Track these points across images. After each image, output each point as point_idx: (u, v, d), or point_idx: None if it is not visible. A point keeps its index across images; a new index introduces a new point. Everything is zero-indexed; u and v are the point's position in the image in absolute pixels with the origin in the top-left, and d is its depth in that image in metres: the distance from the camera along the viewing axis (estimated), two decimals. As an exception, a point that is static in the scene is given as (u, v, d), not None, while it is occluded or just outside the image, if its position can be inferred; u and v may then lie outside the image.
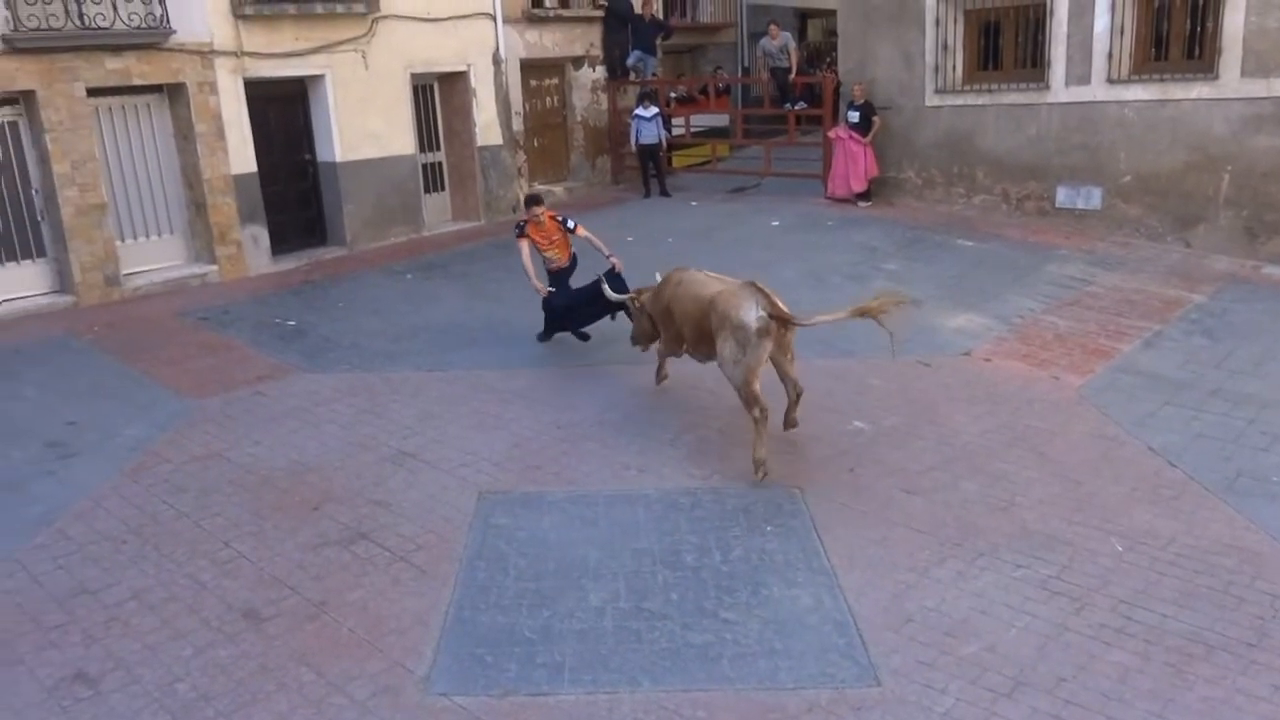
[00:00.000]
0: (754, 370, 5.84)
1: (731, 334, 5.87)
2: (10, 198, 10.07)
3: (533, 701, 4.01)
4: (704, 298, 6.24)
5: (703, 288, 6.36)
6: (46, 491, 5.98)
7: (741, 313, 5.84)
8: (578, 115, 15.93)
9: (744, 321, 5.81)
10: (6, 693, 4.13)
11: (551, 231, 8.20)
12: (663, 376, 7.36)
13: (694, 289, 6.42)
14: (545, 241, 8.18)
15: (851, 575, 4.80)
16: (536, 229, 8.12)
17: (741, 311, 5.85)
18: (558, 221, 8.23)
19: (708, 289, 6.30)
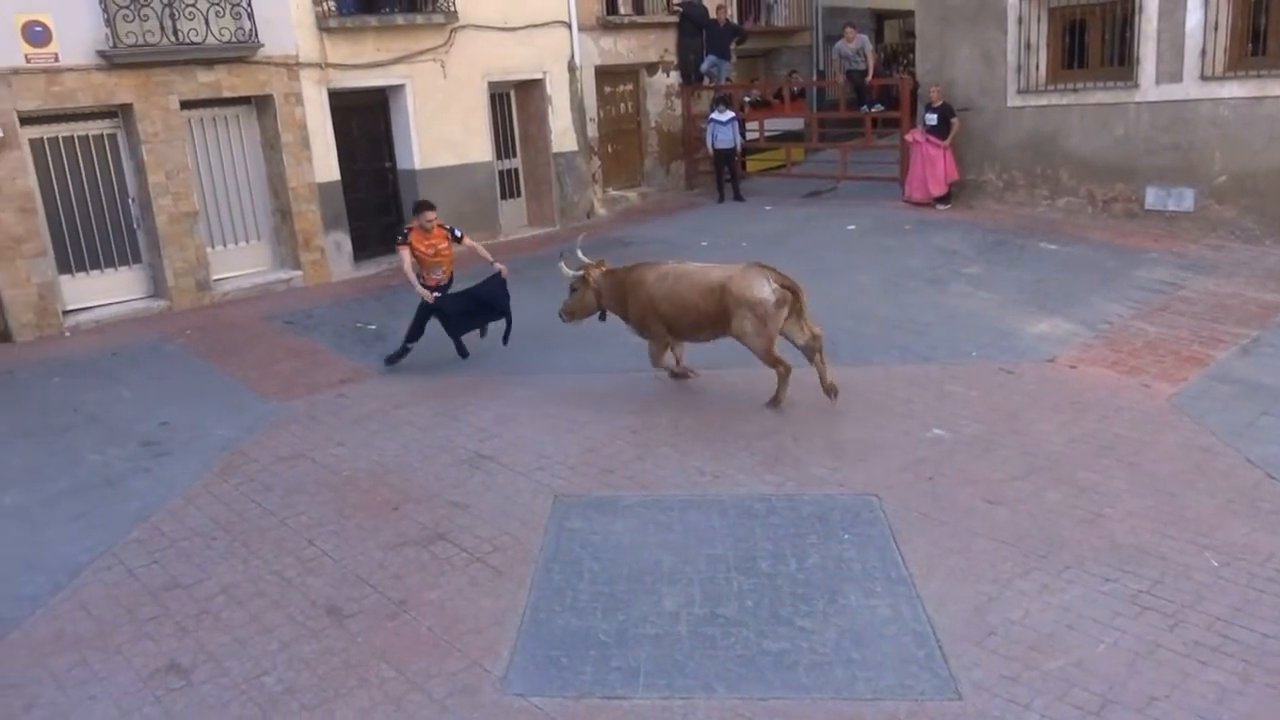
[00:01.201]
0: (774, 338, 6.68)
1: (750, 310, 6.59)
2: (109, 206, 10.51)
3: (608, 705, 4.02)
4: (712, 285, 6.79)
5: (704, 276, 6.91)
6: (142, 488, 6.21)
7: (757, 290, 6.59)
8: (652, 121, 15.99)
9: (762, 297, 6.56)
10: (106, 681, 4.30)
11: (438, 240, 7.94)
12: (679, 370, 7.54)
13: (693, 279, 6.93)
14: (429, 252, 7.91)
15: (931, 585, 4.71)
16: (422, 238, 7.88)
17: (757, 289, 6.59)
18: (445, 230, 8.02)
19: (710, 276, 6.86)
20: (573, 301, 7.51)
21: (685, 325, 7.06)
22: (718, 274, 6.86)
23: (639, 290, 7.17)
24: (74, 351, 9.30)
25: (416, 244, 7.84)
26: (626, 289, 7.27)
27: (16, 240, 9.61)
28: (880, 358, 7.85)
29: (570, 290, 7.54)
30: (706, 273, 6.96)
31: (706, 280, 6.86)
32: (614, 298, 7.38)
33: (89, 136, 10.33)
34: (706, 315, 6.86)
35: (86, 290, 10.43)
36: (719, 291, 6.73)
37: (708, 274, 6.93)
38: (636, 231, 13.54)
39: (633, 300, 7.24)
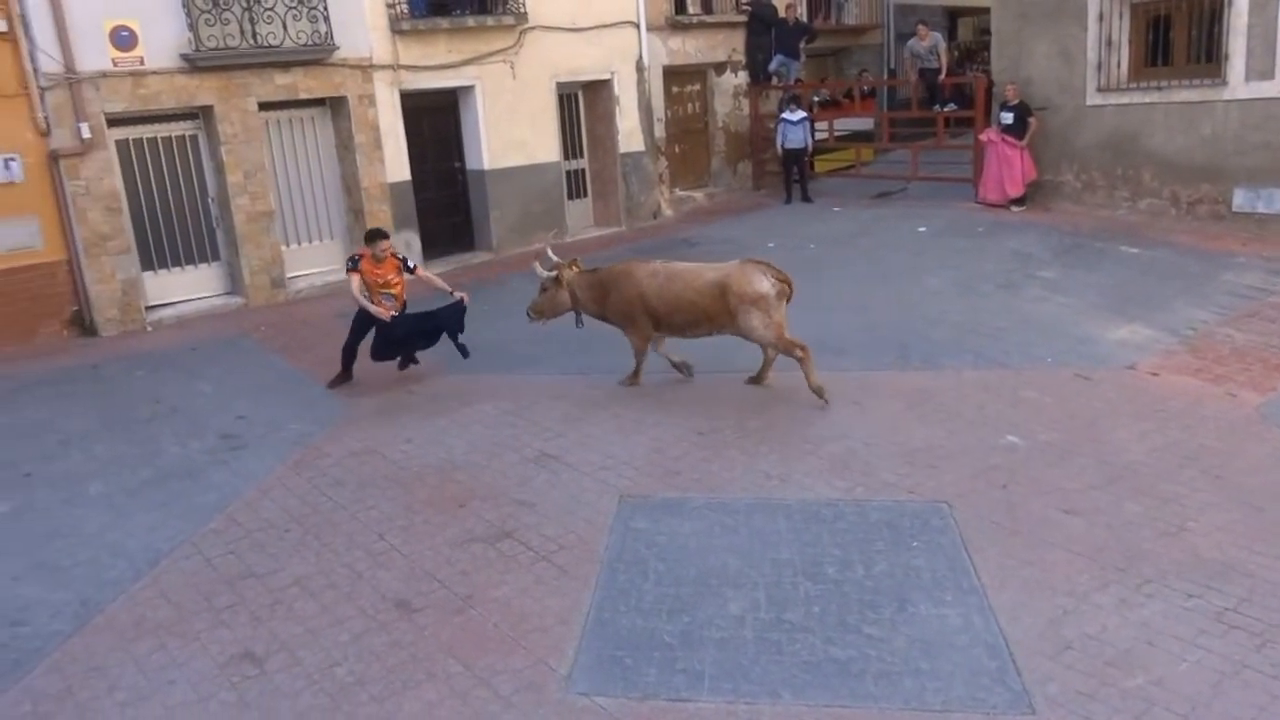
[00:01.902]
0: (782, 325, 6.93)
1: (754, 304, 6.85)
2: (189, 206, 10.84)
3: (672, 707, 4.00)
4: (710, 283, 6.99)
5: (698, 276, 7.10)
6: (220, 480, 6.38)
7: (758, 285, 6.87)
8: (719, 121, 15.93)
9: (763, 291, 6.86)
10: (184, 667, 4.42)
11: (388, 271, 7.69)
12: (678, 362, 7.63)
13: (686, 279, 7.11)
14: (379, 281, 7.66)
15: (1004, 596, 4.59)
16: (372, 266, 7.63)
17: (757, 284, 6.87)
18: (398, 261, 7.79)
19: (706, 276, 7.07)
20: (542, 301, 7.56)
21: (679, 322, 7.20)
22: (713, 273, 7.07)
23: (625, 284, 7.28)
24: (155, 346, 9.60)
25: (367, 271, 7.61)
26: (608, 285, 7.38)
27: (103, 238, 9.97)
28: (952, 362, 7.71)
29: (540, 290, 7.59)
30: (700, 272, 7.15)
31: (702, 279, 7.06)
32: (592, 296, 7.47)
33: (171, 138, 10.67)
34: (705, 313, 7.05)
35: (168, 287, 10.77)
36: (719, 290, 6.93)
37: (701, 273, 7.13)
38: (703, 232, 13.51)
39: (616, 294, 7.32)
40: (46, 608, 4.97)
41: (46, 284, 9.82)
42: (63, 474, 6.61)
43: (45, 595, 5.09)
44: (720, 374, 7.70)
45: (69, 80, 9.57)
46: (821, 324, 8.92)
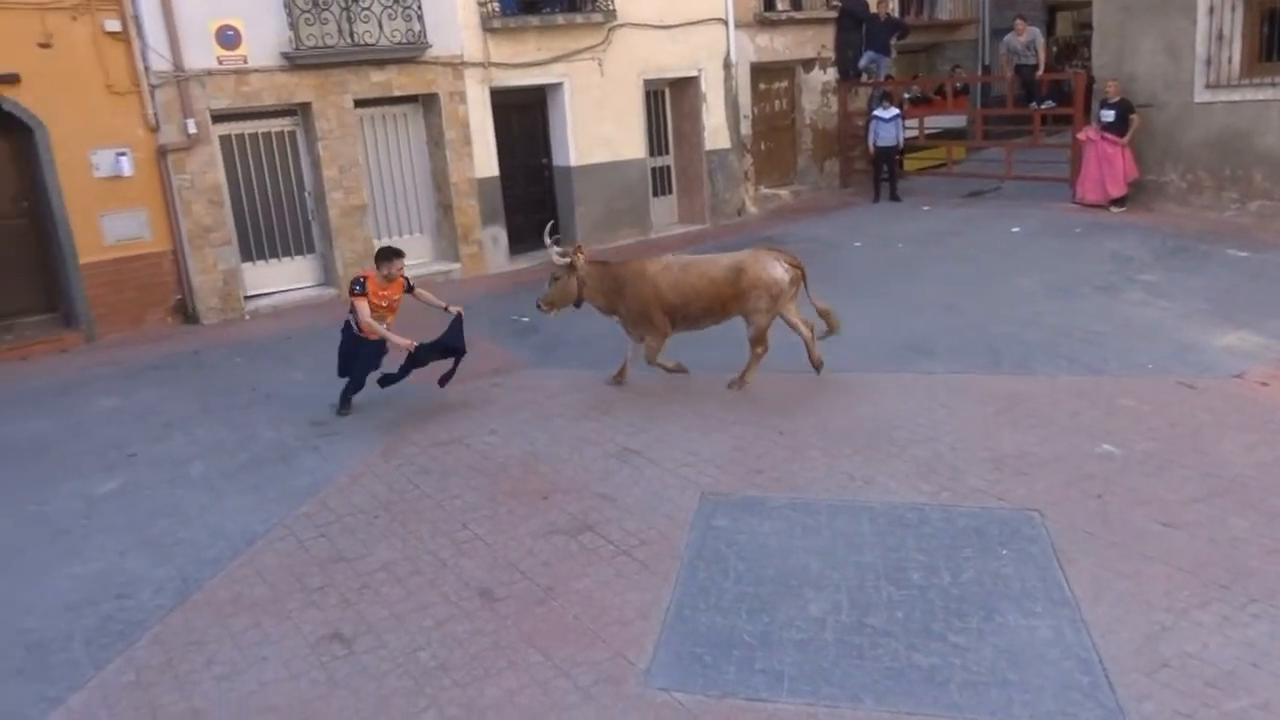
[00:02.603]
0: (774, 318, 7.23)
1: (766, 291, 7.10)
2: (286, 199, 11.19)
3: (750, 707, 3.98)
4: (727, 269, 7.17)
5: (713, 263, 7.30)
6: (312, 465, 6.58)
7: (773, 271, 7.12)
8: (806, 118, 15.78)
9: (778, 277, 7.11)
10: (277, 644, 4.57)
11: (394, 291, 7.20)
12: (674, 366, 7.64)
13: (701, 268, 7.28)
14: (384, 303, 7.16)
15: (1098, 610, 4.44)
16: (379, 288, 7.10)
17: (773, 270, 7.12)
18: (405, 280, 7.30)
19: (721, 262, 7.27)
20: (554, 291, 7.44)
21: (693, 312, 7.29)
22: (728, 259, 7.29)
23: (639, 283, 7.27)
24: (253, 334, 9.94)
25: (373, 294, 7.07)
26: (623, 282, 7.34)
27: (206, 230, 10.36)
28: (1045, 367, 7.49)
29: (551, 280, 7.48)
30: (714, 260, 7.35)
31: (718, 266, 7.24)
32: (601, 290, 7.40)
33: (270, 133, 11.02)
34: (719, 300, 7.19)
35: (265, 277, 11.14)
36: (735, 274, 7.14)
37: (716, 260, 7.33)
38: (787, 230, 13.39)
39: (632, 293, 7.29)
40: (150, 583, 5.19)
41: (153, 273, 10.26)
42: (166, 455, 6.89)
43: (149, 571, 5.32)
44: (801, 374, 7.62)
45: (177, 78, 9.96)
46: (909, 324, 8.77)
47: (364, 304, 7.03)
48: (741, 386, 7.36)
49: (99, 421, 7.63)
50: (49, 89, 9.35)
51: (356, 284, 7.10)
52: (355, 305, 7.08)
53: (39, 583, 5.25)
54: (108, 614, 4.91)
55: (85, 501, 6.22)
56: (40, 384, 8.64)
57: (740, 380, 7.38)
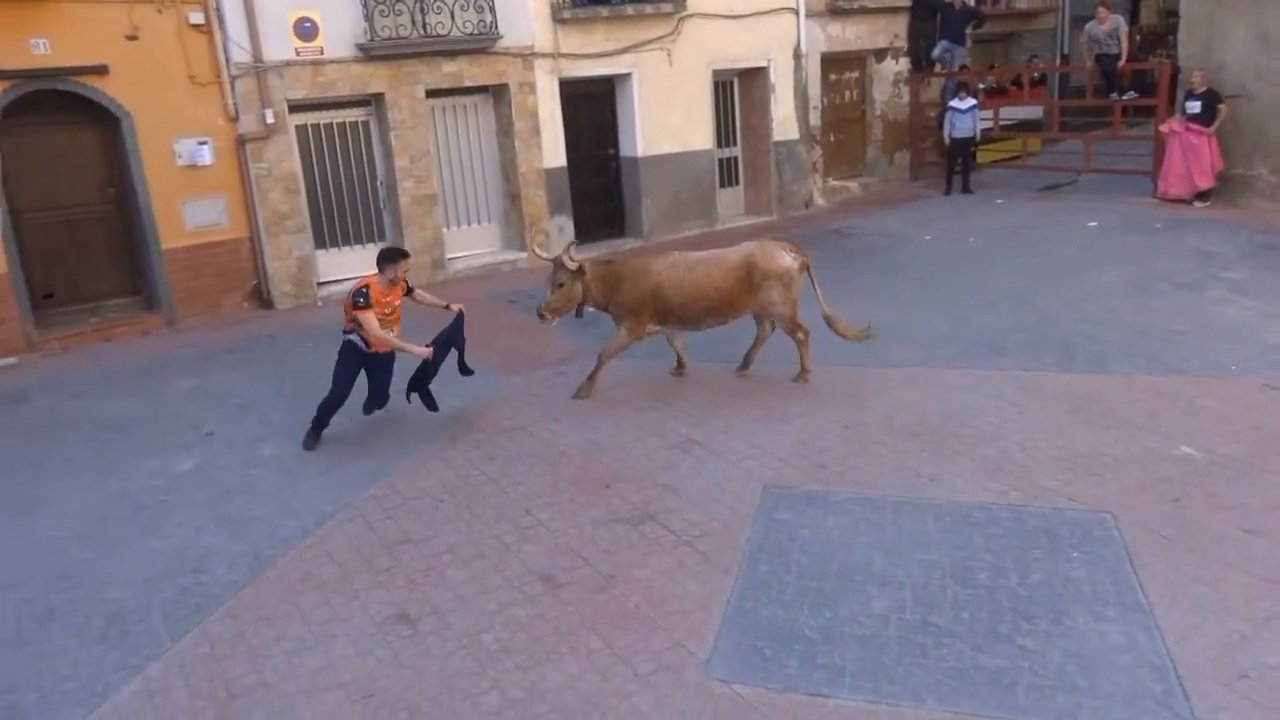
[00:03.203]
0: (796, 304, 7.19)
1: (778, 280, 7.08)
2: (359, 188, 11.40)
3: (811, 701, 3.96)
4: (734, 264, 7.10)
5: (721, 260, 7.17)
6: (380, 450, 6.71)
7: (782, 261, 7.11)
8: (877, 109, 15.55)
9: (787, 266, 7.10)
10: (345, 622, 4.68)
11: (396, 296, 6.63)
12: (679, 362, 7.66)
13: (709, 265, 7.14)
14: (386, 311, 6.55)
15: (1173, 616, 4.32)
16: (383, 294, 6.50)
17: (781, 260, 7.12)
18: (405, 283, 6.72)
19: (729, 258, 7.16)
20: (559, 297, 7.06)
21: (694, 313, 7.15)
22: (736, 254, 7.19)
23: (640, 279, 7.13)
24: (325, 320, 10.13)
25: (376, 303, 6.44)
26: (622, 278, 7.15)
27: (281, 217, 10.61)
28: (1122, 366, 7.28)
29: (556, 286, 7.07)
30: (723, 256, 7.21)
31: (727, 261, 7.14)
32: (600, 288, 7.19)
33: (345, 123, 11.23)
34: (728, 296, 7.09)
35: (337, 264, 11.36)
36: (745, 269, 7.09)
37: (724, 257, 7.19)
38: (856, 223, 13.23)
39: (630, 288, 7.12)
40: (224, 558, 5.35)
41: (231, 259, 10.54)
42: (241, 436, 7.09)
43: (224, 546, 5.48)
44: (868, 368, 7.54)
45: (256, 69, 10.21)
46: (980, 320, 8.61)
47: (371, 316, 6.39)
48: (805, 378, 7.33)
49: (179, 401, 7.88)
50: (135, 80, 9.66)
51: (360, 296, 6.35)
52: (361, 319, 6.36)
53: (121, 555, 5.45)
54: (184, 587, 5.08)
55: (165, 479, 6.44)
56: (124, 364, 8.95)
57: (802, 373, 7.35)
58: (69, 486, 6.38)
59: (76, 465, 6.72)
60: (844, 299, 9.61)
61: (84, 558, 5.44)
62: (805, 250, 7.36)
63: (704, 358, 8.07)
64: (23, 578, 5.25)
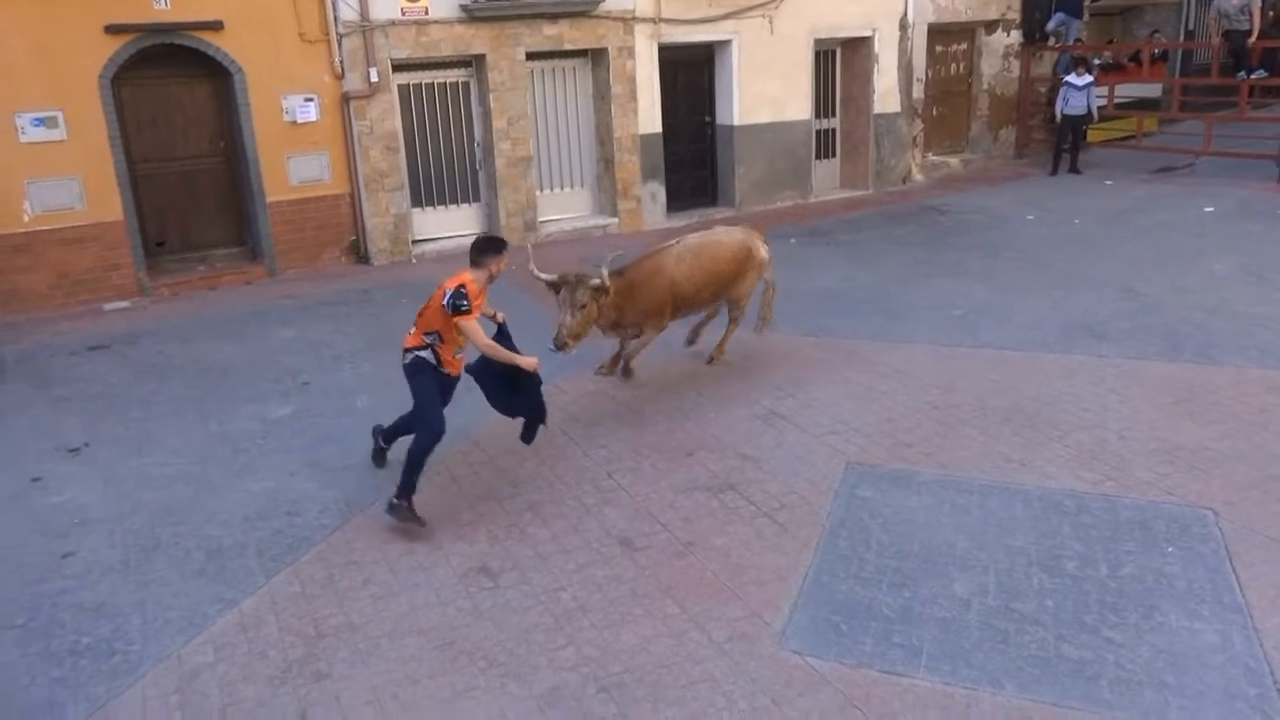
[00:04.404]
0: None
1: (757, 269, 7.22)
2: (457, 149, 11.55)
3: (885, 679, 3.92)
4: (736, 249, 7.08)
5: (718, 244, 7.07)
6: (467, 406, 6.76)
7: (764, 251, 7.27)
8: (984, 83, 15.05)
9: (767, 258, 7.29)
10: (429, 571, 4.81)
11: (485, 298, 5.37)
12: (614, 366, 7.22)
13: (711, 251, 6.99)
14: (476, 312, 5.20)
15: (1273, 619, 4.14)
16: (478, 296, 5.17)
17: (764, 250, 7.27)
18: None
19: (725, 244, 7.08)
20: (583, 320, 6.14)
21: (702, 300, 7.03)
22: (729, 239, 7.15)
23: (657, 279, 6.62)
24: (418, 277, 10.35)
25: (475, 305, 5.13)
26: (636, 284, 6.51)
27: (381, 175, 10.83)
28: (1233, 358, 6.96)
29: (578, 308, 6.07)
30: (718, 241, 7.12)
31: (727, 247, 7.07)
32: (617, 303, 6.39)
33: (445, 84, 11.37)
34: (726, 281, 7.05)
35: (432, 223, 11.57)
36: (744, 254, 7.10)
37: (720, 242, 7.11)
38: (955, 200, 12.89)
39: (649, 292, 6.55)
40: (316, 503, 5.55)
41: (331, 214, 10.83)
42: (335, 386, 7.31)
43: (316, 492, 5.68)
44: (960, 347, 7.36)
45: (363, 28, 10.39)
46: (1082, 304, 8.33)
47: (475, 323, 5.15)
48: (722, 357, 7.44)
49: (277, 350, 8.16)
50: (247, 35, 9.93)
51: (460, 300, 5.01)
52: (464, 327, 5.08)
53: (220, 495, 5.69)
54: (278, 528, 5.29)
55: (262, 424, 6.68)
56: (228, 312, 9.30)
57: (719, 355, 7.46)
58: (173, 427, 6.68)
59: (181, 407, 7.02)
60: (937, 277, 9.42)
61: (186, 495, 5.69)
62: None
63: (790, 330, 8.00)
64: (131, 510, 5.53)
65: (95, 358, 8.09)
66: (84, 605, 4.62)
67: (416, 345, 5.29)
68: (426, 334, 5.25)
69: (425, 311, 5.29)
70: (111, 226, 9.64)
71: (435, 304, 5.18)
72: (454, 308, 5.05)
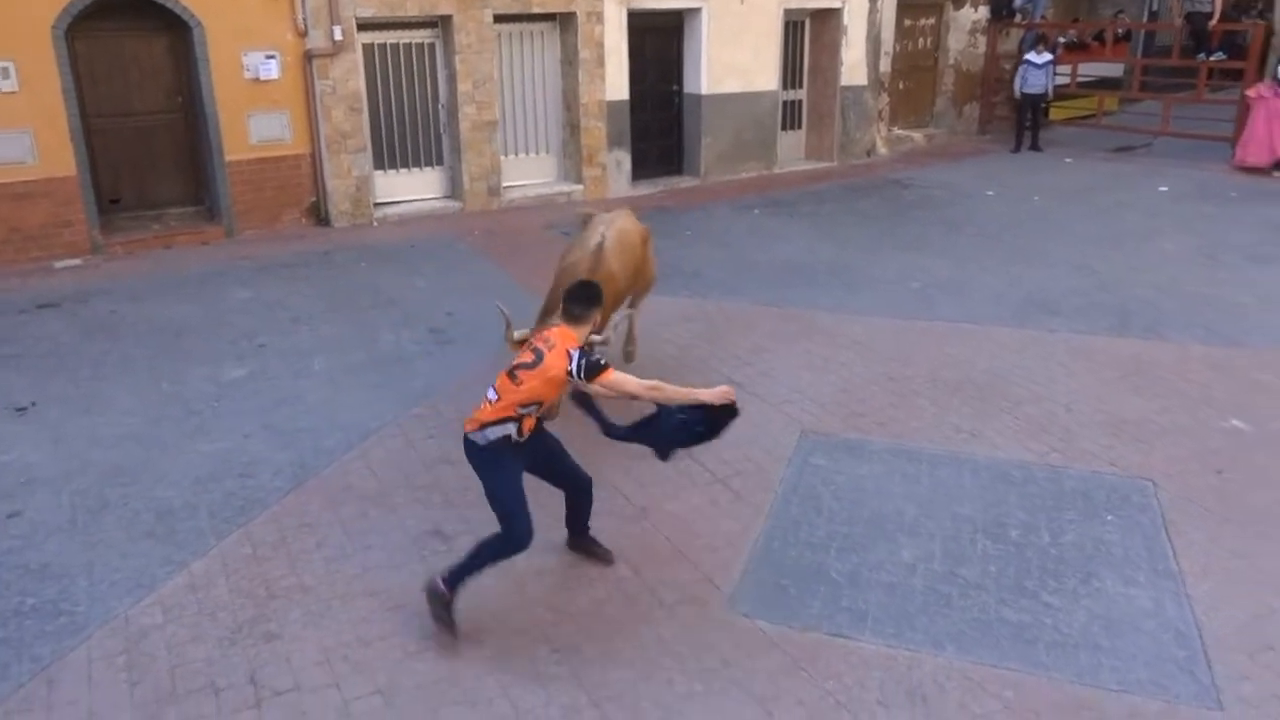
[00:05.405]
0: None
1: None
2: (421, 111, 11.40)
3: (831, 641, 4.01)
4: (640, 231, 6.47)
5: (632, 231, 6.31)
6: (427, 370, 6.82)
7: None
8: (950, 58, 15.11)
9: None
10: (382, 534, 4.82)
11: None
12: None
13: (629, 238, 6.21)
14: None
15: (1203, 586, 4.28)
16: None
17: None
18: None
19: (632, 226, 6.38)
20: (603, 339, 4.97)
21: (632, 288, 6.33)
22: (631, 222, 6.41)
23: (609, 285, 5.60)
24: (379, 240, 10.27)
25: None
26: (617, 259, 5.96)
27: (343, 135, 10.67)
28: (1178, 335, 7.12)
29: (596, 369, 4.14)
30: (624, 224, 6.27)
31: (636, 230, 6.38)
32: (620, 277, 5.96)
33: (411, 44, 11.19)
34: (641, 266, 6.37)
35: (394, 186, 11.43)
36: (647, 236, 6.58)
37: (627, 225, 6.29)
38: (918, 174, 12.98)
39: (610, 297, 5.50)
40: (270, 465, 5.52)
41: (291, 175, 10.65)
42: (292, 348, 7.25)
43: (270, 454, 5.64)
44: (916, 320, 7.45)
45: (326, -16, 10.19)
46: (1037, 280, 8.45)
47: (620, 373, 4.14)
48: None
49: (233, 311, 8.06)
50: (206, -11, 9.70)
51: (590, 357, 4.07)
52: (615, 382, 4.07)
53: (172, 456, 5.64)
54: (231, 490, 5.25)
55: (216, 385, 6.62)
56: (183, 272, 9.16)
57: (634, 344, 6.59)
58: (125, 387, 6.59)
59: (133, 367, 6.93)
60: (897, 251, 9.51)
61: (137, 456, 5.63)
62: None
63: (752, 300, 8.05)
64: (79, 470, 5.47)
65: (45, 316, 7.95)
66: (29, 566, 4.57)
67: (498, 419, 4.12)
68: (522, 407, 4.10)
69: (521, 384, 4.06)
70: (64, 182, 9.42)
71: (544, 375, 4.04)
72: (590, 370, 4.02)
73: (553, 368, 4.06)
